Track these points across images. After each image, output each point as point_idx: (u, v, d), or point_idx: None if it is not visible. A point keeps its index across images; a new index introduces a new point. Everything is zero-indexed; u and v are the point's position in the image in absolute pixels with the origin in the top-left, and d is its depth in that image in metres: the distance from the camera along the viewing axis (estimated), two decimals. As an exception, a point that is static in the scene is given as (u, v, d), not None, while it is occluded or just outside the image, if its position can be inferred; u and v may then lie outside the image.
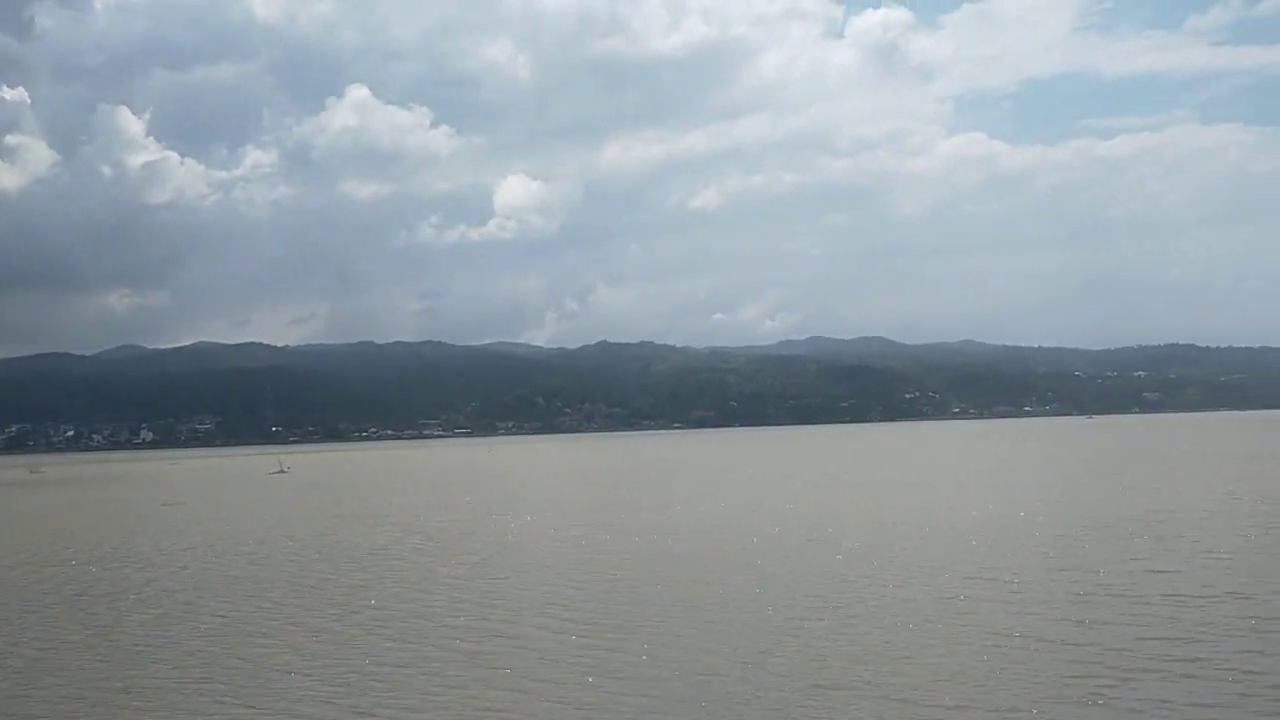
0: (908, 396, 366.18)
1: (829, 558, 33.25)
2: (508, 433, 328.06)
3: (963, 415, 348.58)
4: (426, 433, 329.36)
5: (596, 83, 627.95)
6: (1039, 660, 19.51)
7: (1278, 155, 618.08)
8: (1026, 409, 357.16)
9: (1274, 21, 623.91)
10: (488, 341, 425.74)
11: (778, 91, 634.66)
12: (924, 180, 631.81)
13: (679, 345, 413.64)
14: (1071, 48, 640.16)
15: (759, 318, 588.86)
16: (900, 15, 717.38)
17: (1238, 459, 79.66)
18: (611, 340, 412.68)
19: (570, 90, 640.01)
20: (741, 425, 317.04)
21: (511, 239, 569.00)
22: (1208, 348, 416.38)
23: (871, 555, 33.22)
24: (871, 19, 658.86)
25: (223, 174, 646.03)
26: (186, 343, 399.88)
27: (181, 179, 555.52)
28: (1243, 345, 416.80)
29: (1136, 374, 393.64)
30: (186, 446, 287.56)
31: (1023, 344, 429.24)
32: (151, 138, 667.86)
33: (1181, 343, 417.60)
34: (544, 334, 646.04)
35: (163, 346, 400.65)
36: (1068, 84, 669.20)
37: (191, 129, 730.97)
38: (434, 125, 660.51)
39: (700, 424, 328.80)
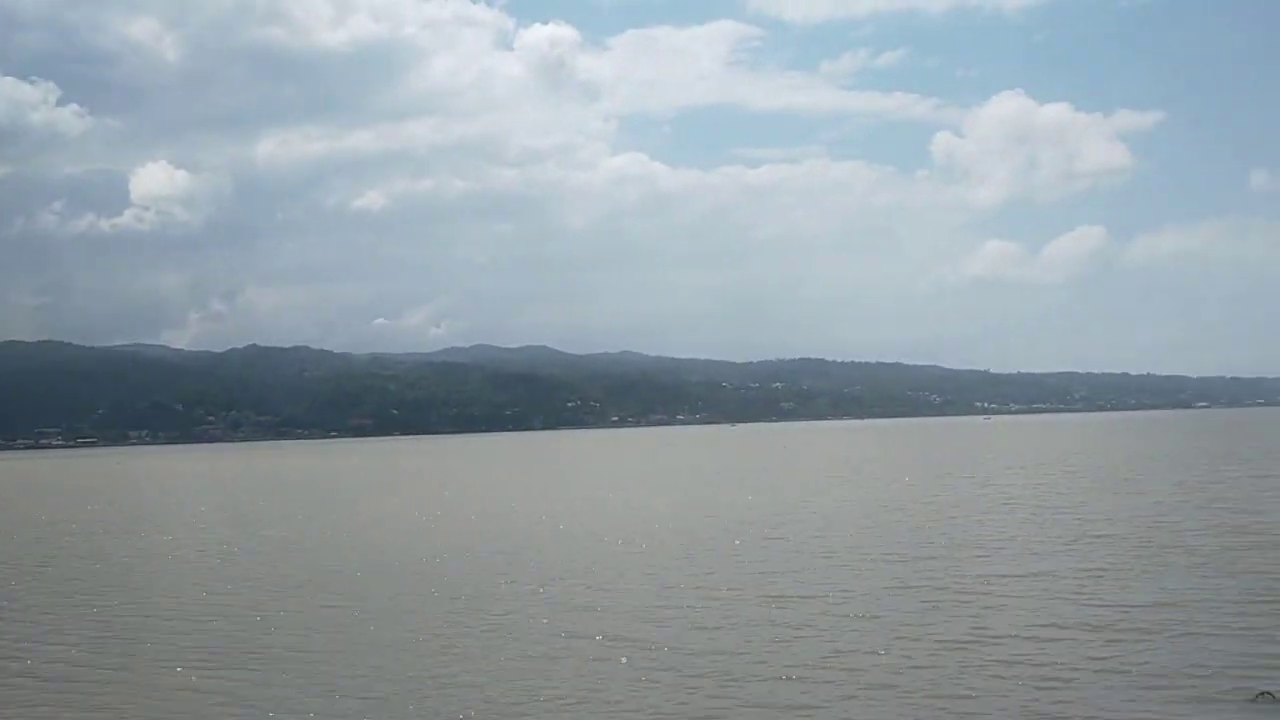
0: (569, 405, 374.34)
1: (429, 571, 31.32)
2: (140, 442, 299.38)
3: (621, 423, 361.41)
4: (44, 442, 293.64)
5: (253, 72, 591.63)
6: (628, 670, 18.50)
7: (893, 192, 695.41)
8: (679, 417, 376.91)
9: (891, 72, 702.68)
10: (120, 343, 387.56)
11: (448, 97, 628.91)
12: (589, 194, 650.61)
13: (337, 351, 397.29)
14: (724, 80, 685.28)
15: (424, 324, 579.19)
16: (568, 33, 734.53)
17: (841, 464, 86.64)
18: (262, 344, 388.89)
19: (223, 77, 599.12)
20: (403, 434, 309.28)
21: (150, 231, 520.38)
22: (834, 361, 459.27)
23: (502, 564, 31.69)
24: (540, 34, 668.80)
25: None
26: None
27: None
28: (862, 360, 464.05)
29: (775, 385, 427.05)
30: None
31: (677, 355, 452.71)
32: None
33: (813, 357, 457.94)
34: (185, 335, 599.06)
35: None
36: (720, 114, 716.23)
37: None
38: (61, 103, 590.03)
39: (359, 432, 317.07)
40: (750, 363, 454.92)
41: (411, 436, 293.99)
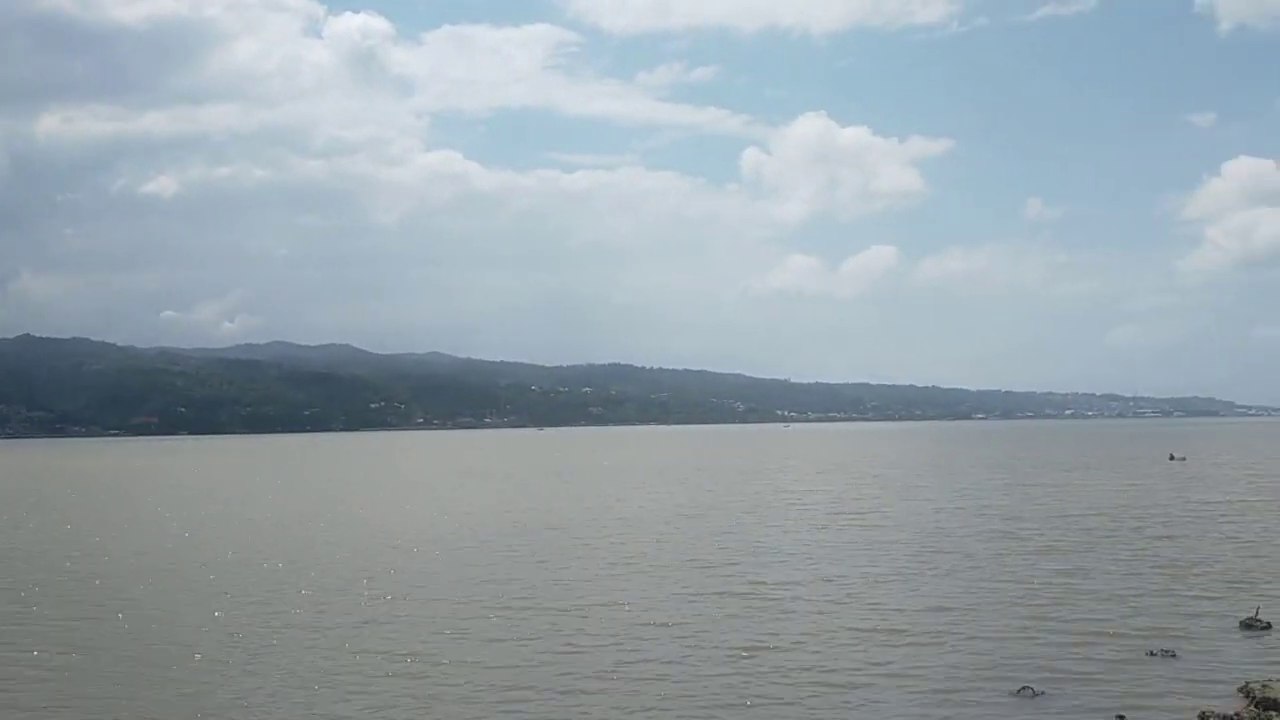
0: (373, 406, 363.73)
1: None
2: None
3: (427, 425, 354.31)
4: None
5: (35, 43, 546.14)
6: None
7: (705, 203, 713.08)
8: (487, 420, 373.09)
9: (705, 86, 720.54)
10: None
11: (251, 82, 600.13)
12: (400, 190, 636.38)
13: (120, 344, 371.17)
14: (540, 84, 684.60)
15: (216, 318, 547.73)
16: (380, 24, 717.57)
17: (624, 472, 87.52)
18: (37, 334, 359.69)
19: (2, 48, 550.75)
20: (191, 434, 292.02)
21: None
22: (643, 368, 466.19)
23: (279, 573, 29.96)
24: (351, 23, 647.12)
25: None
26: None
27: None
28: (670, 367, 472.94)
29: (585, 390, 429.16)
30: None
31: (486, 358, 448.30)
32: None
33: (622, 363, 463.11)
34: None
35: None
36: (536, 117, 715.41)
37: None
38: None
39: (143, 431, 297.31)
40: (560, 367, 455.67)
41: (200, 436, 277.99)
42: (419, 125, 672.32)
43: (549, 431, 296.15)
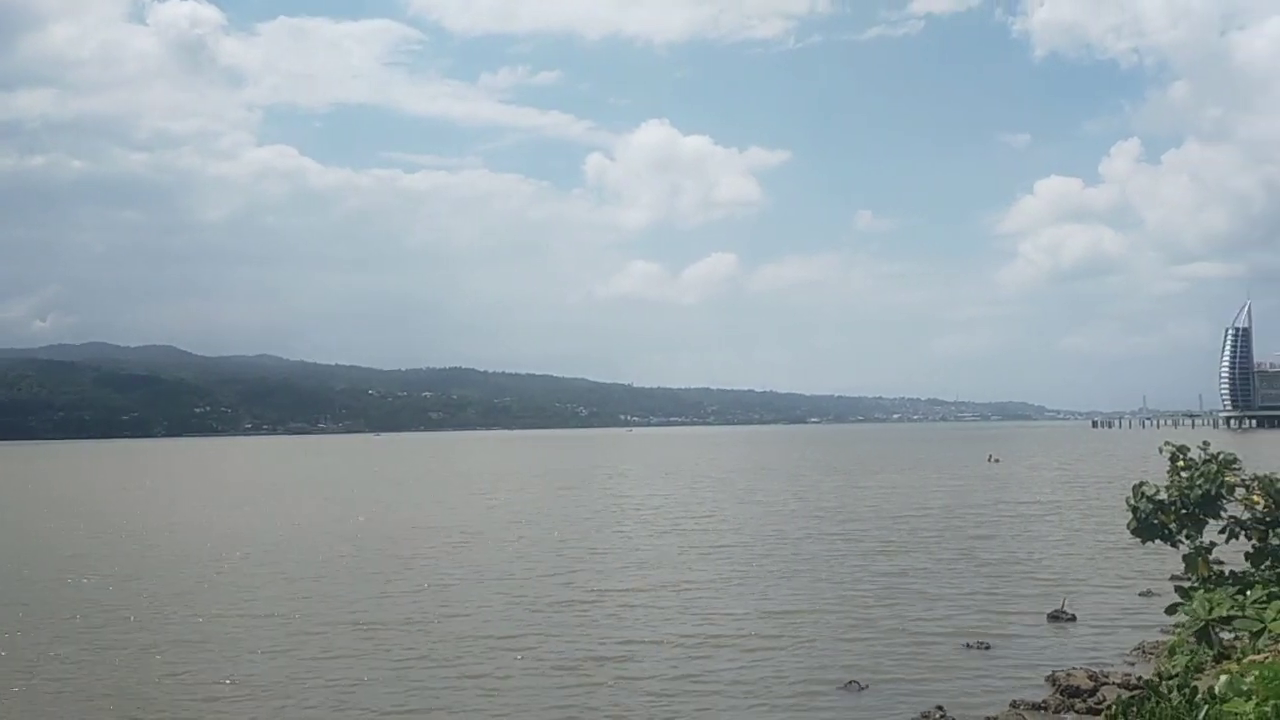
0: (198, 410, 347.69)
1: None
2: None
3: (256, 431, 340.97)
4: None
5: None
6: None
7: (549, 207, 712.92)
8: (321, 426, 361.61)
9: (549, 91, 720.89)
10: None
11: (67, 68, 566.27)
12: (229, 186, 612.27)
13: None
14: (380, 81, 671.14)
15: (26, 317, 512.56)
16: (210, 13, 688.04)
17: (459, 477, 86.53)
18: None
19: None
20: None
21: None
22: (485, 372, 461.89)
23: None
24: (179, 10, 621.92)
25: None
26: None
27: None
28: (513, 371, 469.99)
29: (424, 394, 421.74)
30: None
31: (320, 361, 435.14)
32: None
33: (463, 366, 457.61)
34: None
35: None
36: (375, 114, 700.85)
37: None
38: None
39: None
40: (399, 370, 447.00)
41: (7, 443, 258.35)
42: (251, 119, 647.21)
43: (386, 437, 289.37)
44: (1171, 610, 12.37)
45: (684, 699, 16.77)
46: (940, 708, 15.16)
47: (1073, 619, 21.76)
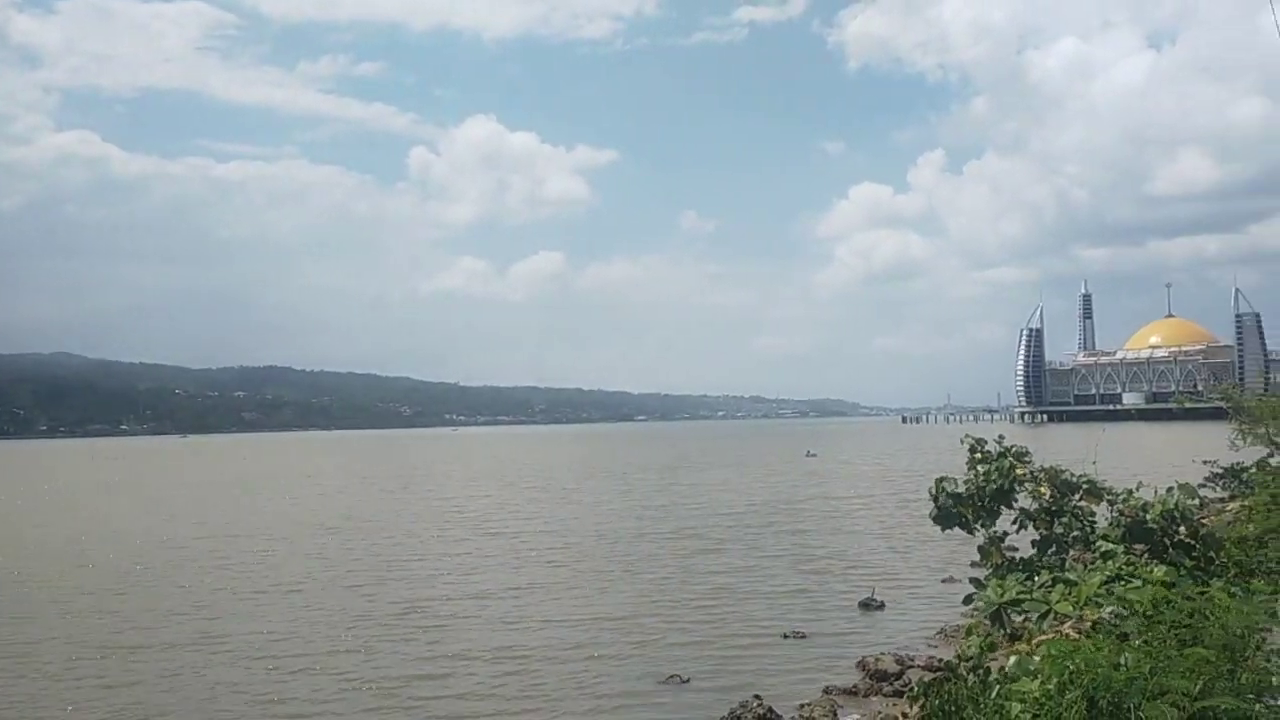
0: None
1: None
2: None
3: (52, 434, 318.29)
4: None
5: None
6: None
7: (372, 201, 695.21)
8: (124, 427, 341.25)
9: (372, 82, 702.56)
10: None
11: None
12: (23, 173, 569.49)
13: None
14: (192, 65, 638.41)
15: None
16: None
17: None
18: None
19: None
20: None
21: None
22: (303, 371, 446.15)
23: None
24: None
25: None
26: None
27: None
28: (332, 370, 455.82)
29: (237, 394, 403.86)
30: None
31: (123, 359, 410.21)
32: None
33: (280, 365, 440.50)
34: None
35: None
36: (187, 100, 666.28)
37: None
38: None
39: None
40: (210, 369, 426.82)
41: None
42: (48, 102, 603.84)
43: (194, 439, 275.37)
44: (968, 600, 13.12)
45: (508, 716, 16.39)
46: (758, 697, 15.58)
47: (881, 606, 22.79)
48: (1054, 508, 13.73)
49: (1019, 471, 13.65)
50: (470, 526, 41.98)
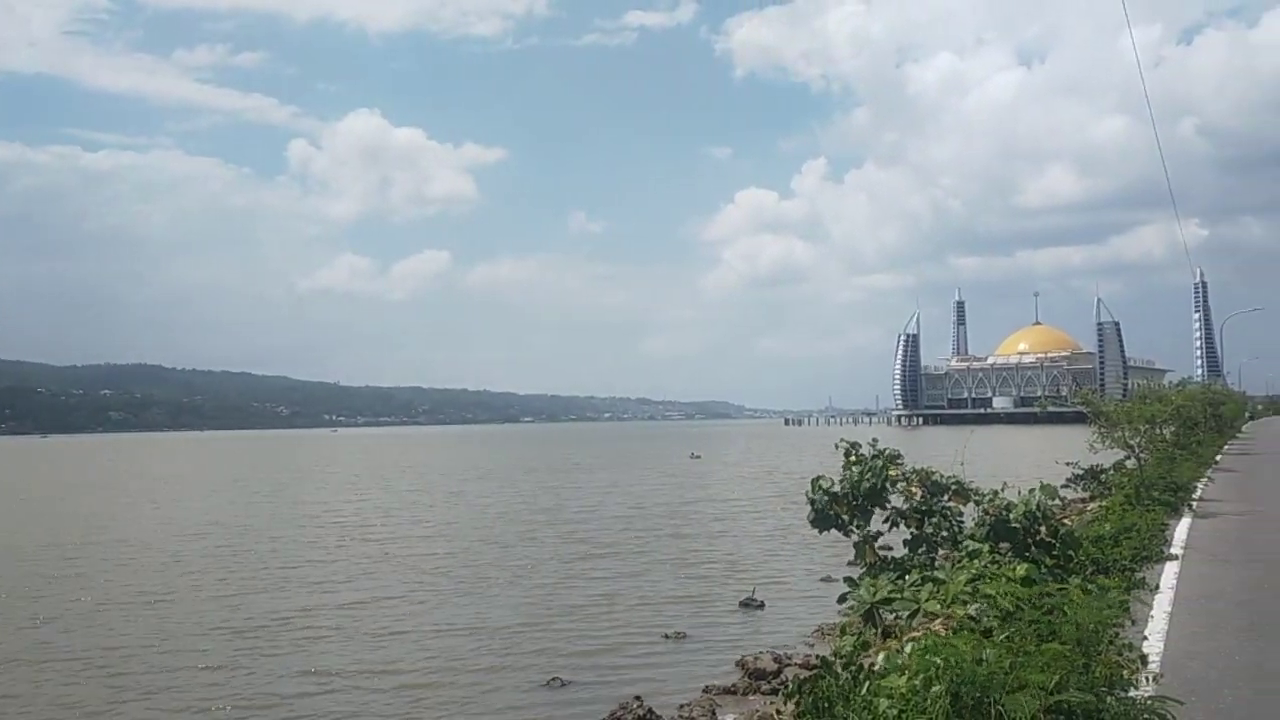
0: None
1: None
2: None
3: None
4: None
5: None
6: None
7: (250, 194, 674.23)
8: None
9: (251, 72, 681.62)
10: None
11: None
12: None
13: None
14: (59, 49, 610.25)
15: None
16: None
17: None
18: None
19: None
20: None
21: None
22: (174, 369, 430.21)
23: None
24: None
25: None
26: None
27: None
28: (206, 368, 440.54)
29: (103, 393, 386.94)
30: None
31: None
32: None
33: (149, 363, 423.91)
34: None
35: None
36: (53, 86, 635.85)
37: None
38: None
39: None
40: (74, 367, 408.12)
41: None
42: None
43: (55, 439, 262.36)
44: (843, 599, 13.42)
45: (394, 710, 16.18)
46: (638, 698, 15.63)
47: (762, 606, 23.15)
48: (924, 508, 14.18)
49: (891, 472, 14.06)
50: (346, 532, 40.54)
